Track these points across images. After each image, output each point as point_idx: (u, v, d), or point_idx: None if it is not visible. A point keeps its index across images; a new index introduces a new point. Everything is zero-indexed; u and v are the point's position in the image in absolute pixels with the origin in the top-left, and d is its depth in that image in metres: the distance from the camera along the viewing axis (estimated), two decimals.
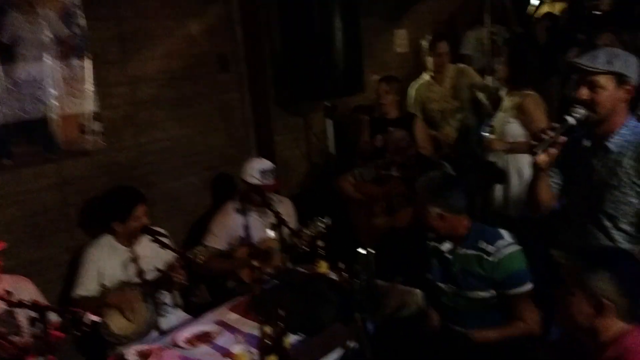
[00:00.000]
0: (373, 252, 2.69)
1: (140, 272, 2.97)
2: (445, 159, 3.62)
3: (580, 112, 1.96)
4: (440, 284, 2.50)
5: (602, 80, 1.94)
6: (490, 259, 2.33)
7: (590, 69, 1.94)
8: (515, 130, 3.41)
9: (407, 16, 5.26)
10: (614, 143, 2.01)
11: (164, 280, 2.90)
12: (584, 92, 1.96)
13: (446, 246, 2.47)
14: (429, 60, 4.30)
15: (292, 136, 4.43)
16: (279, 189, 3.48)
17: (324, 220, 3.10)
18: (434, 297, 2.58)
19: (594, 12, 6.74)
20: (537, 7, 6.80)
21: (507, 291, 2.33)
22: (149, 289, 2.87)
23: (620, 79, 1.94)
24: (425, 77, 4.40)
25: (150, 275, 2.97)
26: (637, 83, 1.99)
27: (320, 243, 2.93)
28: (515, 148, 3.40)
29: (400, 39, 5.23)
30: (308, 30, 3.67)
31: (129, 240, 2.98)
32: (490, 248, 2.34)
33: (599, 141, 2.05)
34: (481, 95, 4.34)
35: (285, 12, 3.83)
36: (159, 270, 2.94)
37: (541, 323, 2.38)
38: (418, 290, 2.84)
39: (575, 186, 2.18)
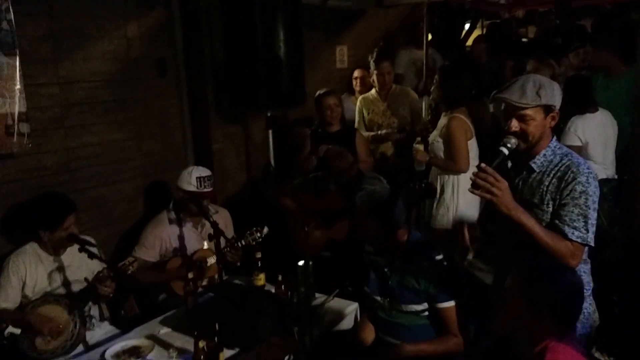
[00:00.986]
0: (311, 264, 2.70)
1: (66, 283, 2.84)
2: (383, 174, 3.70)
3: (512, 141, 2.08)
4: (377, 297, 2.53)
5: (531, 112, 2.06)
6: (425, 272, 2.39)
7: (521, 105, 2.03)
8: (439, 149, 3.68)
9: (348, 33, 5.37)
10: (536, 164, 2.13)
11: (91, 291, 2.77)
12: (515, 125, 2.07)
13: (384, 260, 2.51)
14: (374, 78, 4.44)
15: (231, 145, 4.38)
16: (215, 197, 3.42)
17: (261, 230, 3.08)
18: (370, 310, 2.60)
19: (521, 39, 7.20)
20: (469, 32, 7.17)
21: (439, 304, 2.40)
22: (75, 300, 2.74)
23: (548, 108, 2.07)
24: (373, 91, 4.63)
25: (76, 286, 2.85)
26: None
27: (258, 255, 2.90)
28: (434, 163, 3.73)
29: (341, 55, 5.32)
30: (250, 39, 3.64)
31: (55, 248, 2.84)
32: (426, 262, 2.40)
33: (523, 163, 2.16)
34: (420, 114, 4.52)
35: (228, 20, 3.78)
36: (86, 281, 2.81)
37: (472, 334, 2.47)
38: (355, 303, 2.88)
39: None
